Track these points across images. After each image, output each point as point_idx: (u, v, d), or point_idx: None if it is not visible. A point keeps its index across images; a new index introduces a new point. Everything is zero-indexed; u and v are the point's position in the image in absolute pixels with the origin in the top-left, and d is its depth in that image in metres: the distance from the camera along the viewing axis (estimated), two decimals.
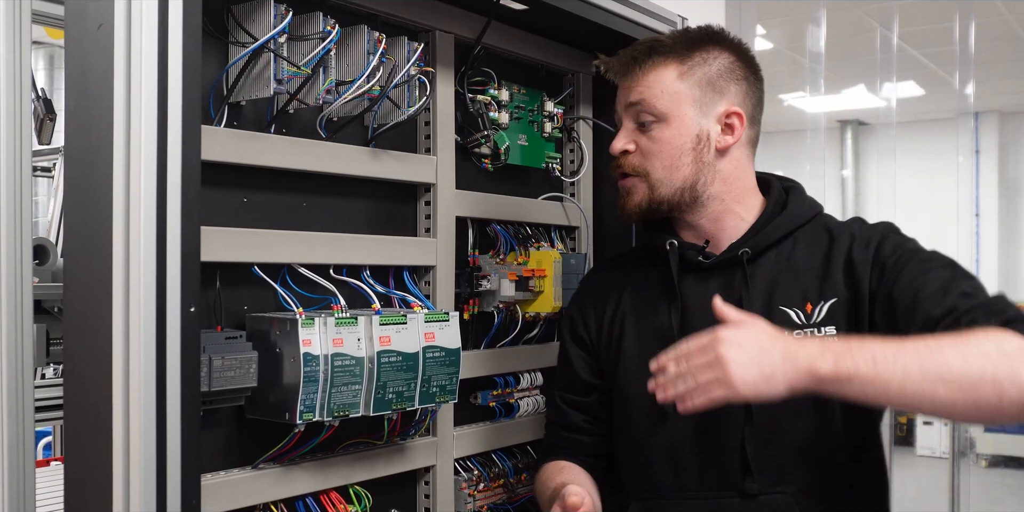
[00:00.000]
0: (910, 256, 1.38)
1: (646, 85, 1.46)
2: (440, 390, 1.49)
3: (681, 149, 1.46)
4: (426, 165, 1.63)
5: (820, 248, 1.46)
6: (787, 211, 1.49)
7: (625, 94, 1.49)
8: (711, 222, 1.50)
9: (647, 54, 1.47)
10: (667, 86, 1.45)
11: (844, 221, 1.51)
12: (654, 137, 1.46)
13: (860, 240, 1.43)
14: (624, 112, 1.49)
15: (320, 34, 1.36)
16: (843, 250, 1.43)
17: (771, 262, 1.47)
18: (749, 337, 1.19)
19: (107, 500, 1.03)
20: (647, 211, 1.48)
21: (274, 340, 1.33)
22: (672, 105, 1.45)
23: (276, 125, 1.41)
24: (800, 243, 1.47)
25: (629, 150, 1.48)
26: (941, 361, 1.14)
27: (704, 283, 1.49)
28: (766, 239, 1.47)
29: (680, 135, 1.45)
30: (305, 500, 1.41)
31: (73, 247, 1.10)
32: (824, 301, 1.41)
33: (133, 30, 1.04)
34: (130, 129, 1.03)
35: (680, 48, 1.46)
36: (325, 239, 1.44)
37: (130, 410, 1.02)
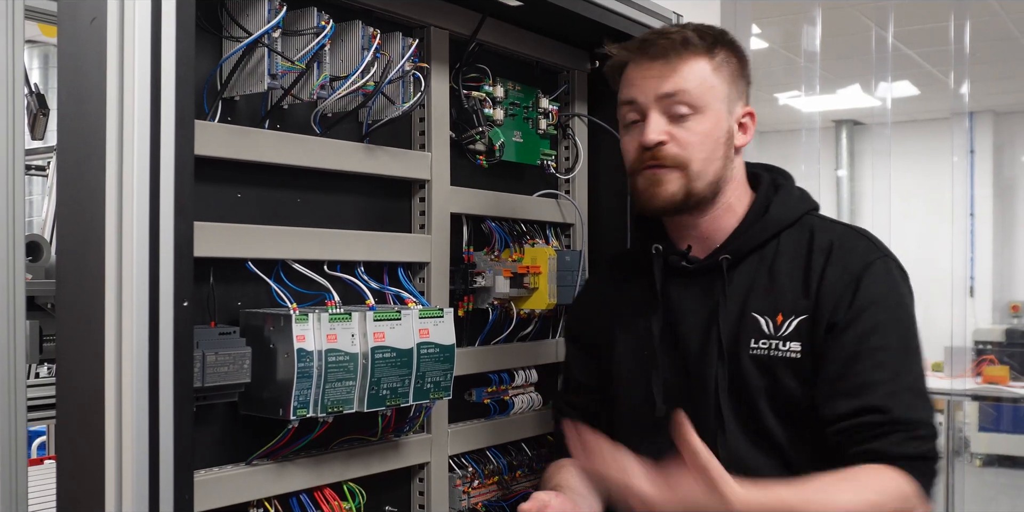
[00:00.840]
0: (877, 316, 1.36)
1: (682, 76, 1.41)
2: (434, 387, 1.49)
3: (717, 142, 1.43)
4: (420, 161, 1.62)
5: (800, 256, 1.44)
6: (769, 214, 1.47)
7: (655, 84, 1.42)
8: (711, 221, 1.49)
9: (683, 45, 1.42)
10: (704, 79, 1.42)
11: (832, 226, 1.48)
12: (691, 129, 1.41)
13: (839, 262, 1.41)
14: (654, 103, 1.42)
15: (314, 29, 1.36)
16: (819, 266, 1.41)
17: (753, 266, 1.46)
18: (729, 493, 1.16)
19: (100, 496, 1.02)
20: (680, 203, 1.43)
21: (268, 336, 1.32)
22: (710, 98, 1.42)
23: (270, 120, 1.41)
24: (784, 246, 1.46)
25: (664, 142, 1.42)
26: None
27: (686, 288, 1.50)
28: (747, 244, 1.46)
29: (716, 128, 1.43)
30: (299, 497, 1.41)
31: (66, 242, 1.09)
32: (796, 316, 1.40)
33: (126, 24, 1.03)
34: (123, 124, 1.03)
35: (706, 45, 1.43)
36: (319, 235, 1.44)
37: (123, 405, 1.02)
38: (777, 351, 1.40)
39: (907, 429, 1.30)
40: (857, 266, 1.39)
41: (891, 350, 1.35)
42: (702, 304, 1.47)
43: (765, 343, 1.41)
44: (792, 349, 1.39)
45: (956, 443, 5.53)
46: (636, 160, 1.45)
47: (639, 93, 1.43)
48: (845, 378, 1.34)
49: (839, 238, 1.44)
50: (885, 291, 1.39)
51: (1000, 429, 6.76)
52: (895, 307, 1.39)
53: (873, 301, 1.37)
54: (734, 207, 1.49)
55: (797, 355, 1.38)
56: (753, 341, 1.42)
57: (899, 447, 1.28)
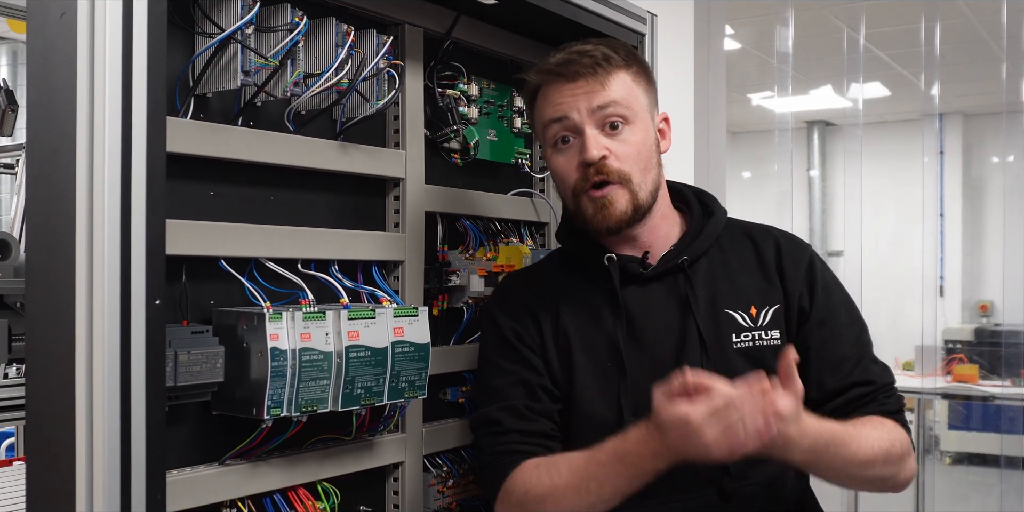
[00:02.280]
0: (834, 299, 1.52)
1: (613, 88, 1.44)
2: (409, 386, 1.48)
3: (650, 150, 1.48)
4: (395, 159, 1.62)
5: (748, 253, 1.53)
6: (715, 217, 1.54)
7: (588, 99, 1.43)
8: (650, 230, 1.52)
9: (605, 60, 1.45)
10: (629, 89, 1.46)
11: (755, 224, 1.60)
12: (627, 140, 1.44)
13: (787, 252, 1.53)
14: (588, 118, 1.43)
15: (288, 25, 1.35)
16: (772, 258, 1.52)
17: (705, 268, 1.51)
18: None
19: (70, 497, 1.01)
20: (631, 219, 1.46)
21: (241, 335, 1.31)
22: (637, 107, 1.46)
23: (243, 117, 1.40)
24: (726, 248, 1.53)
25: (605, 156, 1.43)
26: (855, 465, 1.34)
27: (646, 292, 1.50)
28: (702, 246, 1.51)
29: (647, 137, 1.47)
30: (273, 497, 1.40)
31: (36, 240, 1.08)
32: (769, 307, 1.49)
33: (96, 19, 1.02)
34: (94, 120, 1.02)
35: (623, 58, 1.47)
36: (293, 233, 1.43)
37: (94, 405, 1.00)
38: (762, 341, 1.47)
39: (885, 391, 1.47)
40: (803, 257, 1.53)
41: (852, 326, 1.51)
42: (668, 307, 1.48)
43: (747, 335, 1.47)
44: (773, 337, 1.48)
45: (926, 441, 5.59)
46: (579, 180, 1.45)
47: (569, 109, 1.44)
48: (824, 359, 1.47)
49: (775, 233, 1.57)
50: (829, 276, 1.54)
51: (970, 427, 6.82)
52: (837, 289, 1.54)
53: (825, 286, 1.52)
54: (667, 215, 1.54)
55: (778, 342, 1.47)
56: (735, 335, 1.47)
57: (885, 406, 1.45)
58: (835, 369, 1.47)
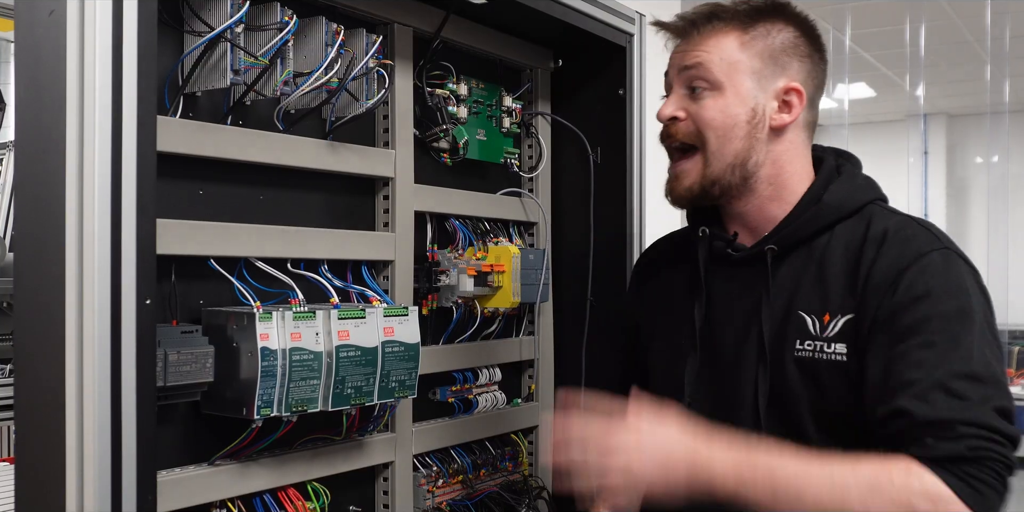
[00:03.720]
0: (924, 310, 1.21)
1: (704, 50, 1.36)
2: (399, 385, 1.48)
3: (735, 119, 1.35)
4: (384, 159, 1.61)
5: (853, 249, 1.31)
6: (823, 202, 1.35)
7: (679, 57, 1.38)
8: (757, 209, 1.39)
9: (707, 18, 1.37)
10: (727, 53, 1.35)
11: (892, 216, 1.34)
12: (706, 105, 1.35)
13: (890, 253, 1.27)
14: (676, 76, 1.39)
15: (277, 25, 1.35)
16: (869, 259, 1.28)
17: (801, 259, 1.34)
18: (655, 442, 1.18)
19: (60, 497, 1.00)
20: (699, 195, 1.38)
21: (231, 334, 1.31)
22: (730, 73, 1.35)
23: (232, 116, 1.39)
24: (837, 239, 1.33)
25: (679, 117, 1.37)
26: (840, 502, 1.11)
27: (731, 279, 1.41)
28: (795, 234, 1.35)
29: (734, 105, 1.35)
30: (263, 497, 1.40)
31: (25, 240, 1.07)
32: (842, 315, 1.28)
33: (87, 17, 1.01)
34: (84, 119, 1.01)
35: (744, 16, 1.36)
36: (283, 233, 1.43)
37: (84, 405, 1.00)
38: (823, 353, 1.28)
39: (939, 429, 1.13)
40: (908, 257, 1.25)
41: (932, 347, 1.19)
42: (744, 298, 1.38)
43: (811, 344, 1.30)
44: (838, 351, 1.27)
45: None
46: (661, 135, 1.42)
47: (669, 66, 1.41)
48: (881, 383, 1.21)
49: (895, 227, 1.30)
50: (935, 284, 1.23)
51: None
52: (945, 298, 1.22)
53: (917, 295, 1.22)
54: (784, 195, 1.38)
55: (843, 358, 1.26)
56: (799, 342, 1.30)
57: (929, 449, 1.12)
58: (885, 397, 1.20)
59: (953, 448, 1.10)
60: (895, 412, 1.17)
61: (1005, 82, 5.93)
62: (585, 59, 1.98)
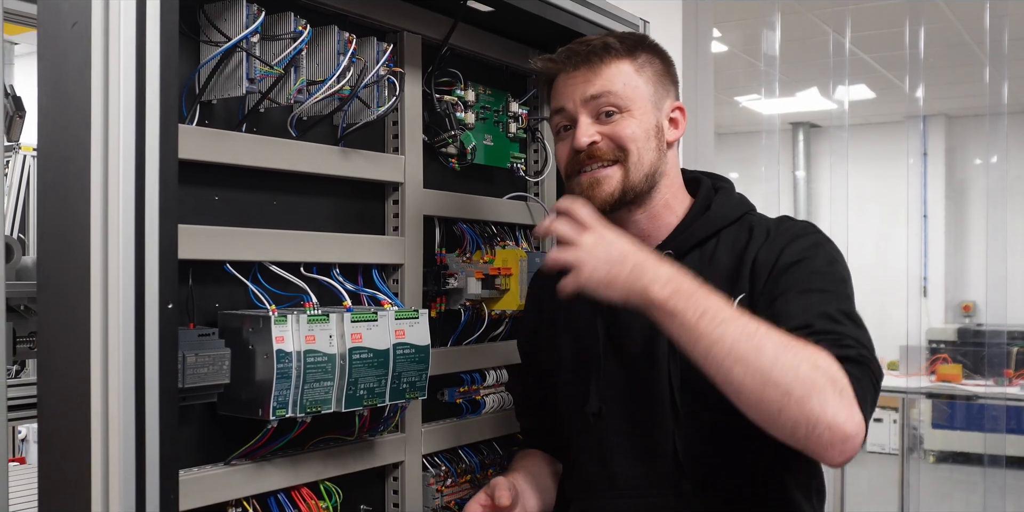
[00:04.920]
0: (801, 271, 1.37)
1: (607, 78, 1.47)
2: (410, 386, 1.51)
3: (648, 134, 1.48)
4: (394, 164, 1.64)
5: (739, 246, 1.48)
6: (711, 212, 1.52)
7: (583, 88, 1.47)
8: (650, 219, 1.52)
9: (604, 50, 1.47)
10: (627, 79, 1.47)
11: (769, 219, 1.52)
12: (621, 125, 1.47)
13: (771, 239, 1.45)
14: (582, 106, 1.48)
15: (291, 34, 1.38)
16: (755, 248, 1.45)
17: (694, 262, 1.48)
18: (614, 242, 1.28)
19: (85, 497, 1.03)
20: (619, 200, 1.48)
21: (246, 337, 1.34)
22: (633, 96, 1.47)
23: (246, 124, 1.42)
24: (723, 243, 1.50)
25: (595, 142, 1.47)
26: (755, 347, 1.18)
27: None
28: (689, 240, 1.50)
29: (644, 122, 1.48)
30: (277, 496, 1.42)
31: (48, 245, 1.10)
32: (734, 297, 1.41)
33: (111, 29, 1.04)
34: (108, 127, 1.04)
35: (628, 48, 1.49)
36: (296, 237, 1.46)
37: (109, 407, 1.03)
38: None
39: (830, 338, 1.26)
40: (787, 237, 1.43)
41: (816, 293, 1.34)
42: None
43: None
44: None
45: (910, 440, 5.65)
46: (570, 163, 1.50)
47: (566, 100, 1.49)
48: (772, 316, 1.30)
49: (774, 223, 1.49)
50: (811, 252, 1.40)
51: (954, 426, 6.90)
52: (821, 262, 1.39)
53: (797, 259, 1.39)
54: (672, 205, 1.53)
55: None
56: None
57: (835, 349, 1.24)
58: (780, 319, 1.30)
59: (845, 352, 1.24)
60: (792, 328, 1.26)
61: (1004, 84, 5.94)
62: None
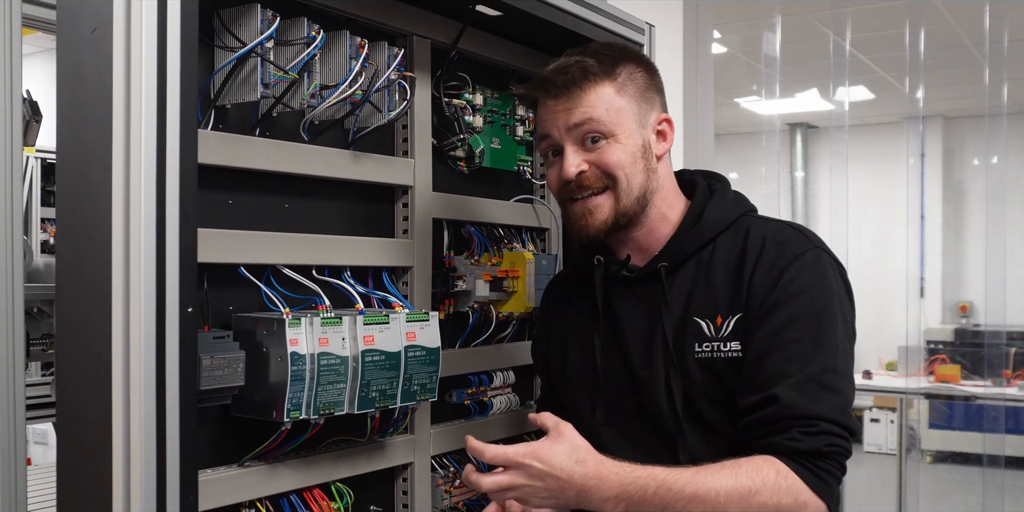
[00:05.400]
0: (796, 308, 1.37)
1: (588, 105, 1.44)
2: (421, 388, 1.52)
3: (634, 157, 1.46)
4: (404, 168, 1.66)
5: (735, 256, 1.45)
6: (704, 219, 1.49)
7: (565, 117, 1.45)
8: (647, 233, 1.52)
9: (582, 75, 1.44)
10: (609, 103, 1.45)
11: (766, 224, 1.49)
12: (607, 151, 1.45)
13: (769, 255, 1.42)
14: (566, 135, 1.46)
15: (305, 39, 1.39)
16: (752, 262, 1.42)
17: (691, 271, 1.48)
18: (555, 465, 1.27)
19: (107, 498, 1.05)
20: (612, 227, 1.48)
21: (260, 340, 1.35)
22: (618, 120, 1.45)
23: (260, 128, 1.43)
24: (719, 249, 1.48)
25: (583, 171, 1.46)
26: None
27: (630, 295, 1.53)
28: (684, 250, 1.49)
29: (630, 146, 1.46)
30: (289, 497, 1.44)
31: (68, 249, 1.11)
32: (732, 315, 1.42)
33: (133, 35, 1.06)
34: (130, 133, 1.05)
35: (607, 66, 1.46)
36: (308, 240, 1.47)
37: (131, 409, 1.04)
38: (720, 352, 1.41)
39: (803, 423, 1.29)
40: (786, 258, 1.40)
41: (804, 342, 1.35)
42: (644, 312, 1.50)
43: (708, 345, 1.42)
44: (733, 349, 1.40)
45: (908, 440, 5.67)
46: (560, 191, 1.50)
47: (551, 128, 1.47)
48: (756, 371, 1.36)
49: (771, 233, 1.45)
50: (808, 283, 1.39)
51: (952, 426, 6.92)
52: (817, 298, 1.38)
53: (792, 293, 1.38)
54: (667, 216, 1.52)
55: (738, 354, 1.40)
56: (697, 345, 1.43)
57: (792, 442, 1.28)
58: (759, 384, 1.35)
59: (814, 444, 1.28)
60: (769, 398, 1.32)
61: (1003, 85, 5.97)
62: None
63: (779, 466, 1.27)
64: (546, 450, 1.28)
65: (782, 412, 1.31)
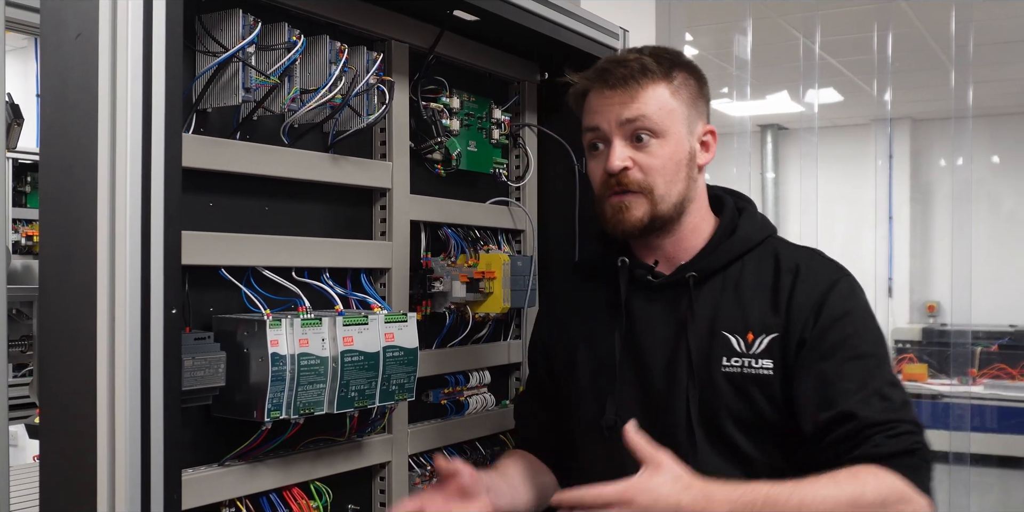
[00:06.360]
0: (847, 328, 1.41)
1: (643, 101, 1.44)
2: (399, 388, 1.54)
3: (679, 164, 1.47)
4: (382, 171, 1.68)
5: (766, 277, 1.47)
6: (736, 235, 1.51)
7: (619, 110, 1.45)
8: (676, 241, 1.52)
9: (641, 71, 1.44)
10: (663, 103, 1.45)
11: (795, 249, 1.52)
12: (653, 153, 1.45)
13: (807, 281, 1.45)
14: (617, 129, 1.45)
15: (286, 44, 1.41)
16: (788, 286, 1.45)
17: (717, 286, 1.48)
18: (661, 495, 1.24)
19: (91, 497, 1.06)
20: (646, 227, 1.47)
21: (241, 341, 1.37)
22: (669, 121, 1.45)
23: (240, 132, 1.45)
24: (748, 268, 1.49)
25: (627, 167, 1.45)
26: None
27: (651, 302, 1.52)
28: (714, 263, 1.49)
29: (678, 151, 1.46)
30: (269, 496, 1.46)
31: (52, 251, 1.13)
32: (766, 334, 1.43)
33: (118, 41, 1.07)
34: (115, 137, 1.07)
35: (664, 68, 1.46)
36: (288, 242, 1.49)
37: (115, 409, 1.06)
38: (751, 368, 1.42)
39: (884, 429, 1.33)
40: (823, 284, 1.44)
41: (859, 360, 1.39)
42: (667, 320, 1.49)
43: (738, 361, 1.43)
44: (764, 366, 1.42)
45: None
46: (602, 185, 1.49)
47: (601, 120, 1.47)
48: (818, 392, 1.38)
49: (804, 260, 1.48)
50: (851, 306, 1.44)
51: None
52: (861, 319, 1.43)
53: (839, 316, 1.41)
54: (699, 227, 1.52)
55: (769, 372, 1.42)
56: (725, 359, 1.44)
57: (881, 447, 1.32)
58: (826, 405, 1.37)
59: (901, 444, 1.32)
60: (842, 416, 1.35)
61: (968, 88, 6.07)
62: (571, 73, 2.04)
63: (875, 470, 1.30)
64: (647, 482, 1.25)
65: (861, 424, 1.33)
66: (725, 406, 1.43)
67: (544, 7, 1.78)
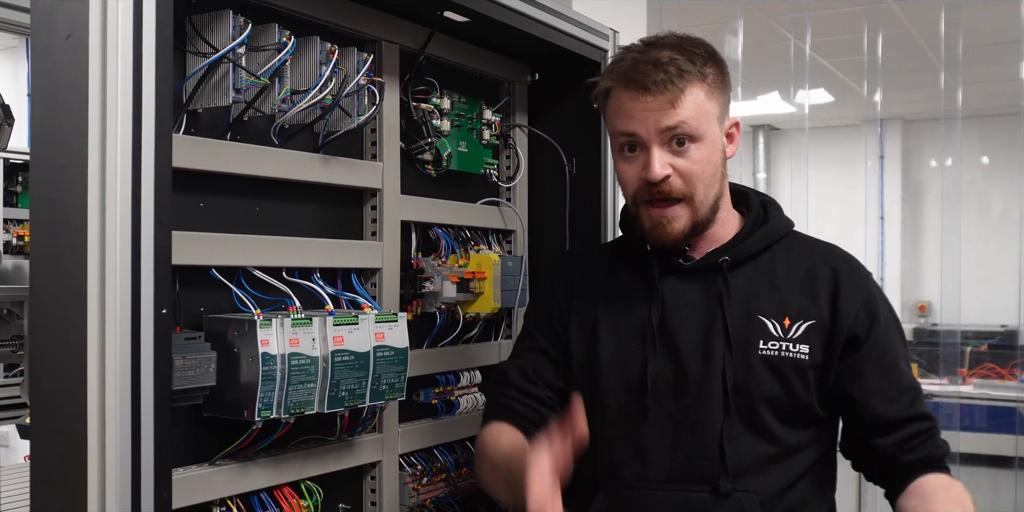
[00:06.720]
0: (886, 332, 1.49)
1: (683, 107, 1.40)
2: (389, 388, 1.55)
3: (715, 166, 1.46)
4: (373, 171, 1.68)
5: (799, 266, 1.50)
6: (768, 225, 1.52)
7: (657, 117, 1.40)
8: (707, 235, 1.51)
9: (679, 75, 1.40)
10: (701, 106, 1.42)
11: (819, 241, 1.57)
12: (693, 158, 1.42)
13: (848, 276, 1.50)
14: (656, 135, 1.41)
15: (276, 45, 1.41)
16: (828, 277, 1.49)
17: (750, 273, 1.50)
18: None
19: (81, 497, 1.06)
20: (688, 235, 1.47)
21: (231, 340, 1.37)
22: (706, 124, 1.43)
23: (231, 132, 1.45)
24: (778, 257, 1.51)
25: (668, 175, 1.42)
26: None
27: (683, 286, 1.51)
28: (747, 250, 1.50)
29: (714, 151, 1.45)
30: (260, 495, 1.46)
31: (42, 251, 1.13)
32: (804, 320, 1.46)
33: (109, 42, 1.07)
34: (106, 138, 1.07)
35: (699, 67, 1.42)
36: (279, 242, 1.49)
37: (106, 409, 1.06)
38: (788, 352, 1.45)
39: (937, 431, 1.46)
40: (864, 283, 1.51)
41: (905, 359, 1.50)
42: (700, 302, 1.49)
43: (775, 344, 1.46)
44: (801, 351, 1.45)
45: None
46: (640, 191, 1.45)
47: (639, 127, 1.41)
48: (885, 391, 1.46)
49: (839, 255, 1.55)
50: (889, 309, 1.52)
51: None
52: (896, 323, 1.53)
53: (886, 317, 1.50)
54: (727, 220, 1.53)
55: (805, 357, 1.45)
56: (762, 342, 1.46)
57: (940, 450, 1.45)
58: (895, 401, 1.45)
59: (941, 451, 1.45)
60: (918, 415, 1.45)
61: (958, 89, 6.10)
62: (561, 73, 2.06)
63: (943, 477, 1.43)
64: None
65: (930, 425, 1.45)
66: (760, 387, 1.44)
67: (534, 8, 1.79)
